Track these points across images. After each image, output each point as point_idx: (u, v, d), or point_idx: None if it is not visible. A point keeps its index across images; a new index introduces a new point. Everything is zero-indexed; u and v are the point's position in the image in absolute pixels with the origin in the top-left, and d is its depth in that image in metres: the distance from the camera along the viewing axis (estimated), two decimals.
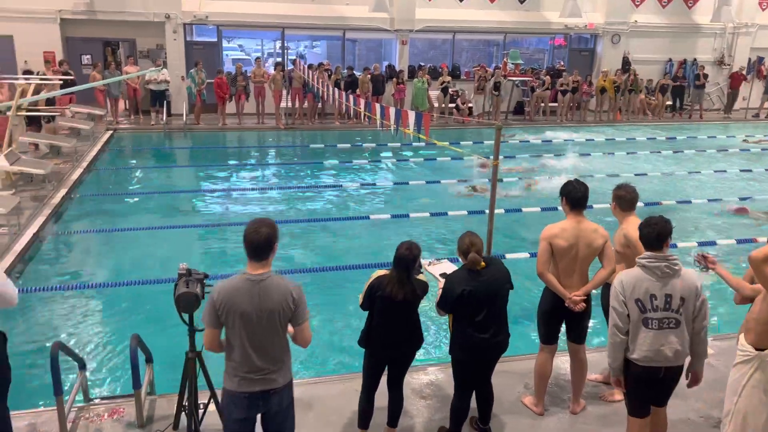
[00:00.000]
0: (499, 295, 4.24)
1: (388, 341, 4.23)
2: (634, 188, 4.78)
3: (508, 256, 8.00)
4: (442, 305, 4.29)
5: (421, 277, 4.26)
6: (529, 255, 8.24)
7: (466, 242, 4.23)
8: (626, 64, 20.99)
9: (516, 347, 6.02)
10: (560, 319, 4.68)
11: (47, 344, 5.82)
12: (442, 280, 4.46)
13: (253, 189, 11.52)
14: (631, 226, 4.60)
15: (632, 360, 3.82)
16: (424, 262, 4.95)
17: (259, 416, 3.57)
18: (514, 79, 19.10)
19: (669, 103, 20.78)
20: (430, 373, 5.39)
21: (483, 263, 4.16)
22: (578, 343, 4.75)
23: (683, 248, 8.03)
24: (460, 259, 4.32)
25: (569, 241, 4.48)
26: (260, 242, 3.36)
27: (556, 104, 19.56)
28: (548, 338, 4.75)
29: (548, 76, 19.35)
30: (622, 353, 3.84)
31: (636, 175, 12.58)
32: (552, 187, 11.42)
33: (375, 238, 9.07)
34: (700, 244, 8.71)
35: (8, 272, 6.99)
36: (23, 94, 11.20)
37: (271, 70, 17.46)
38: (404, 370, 4.41)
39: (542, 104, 19.54)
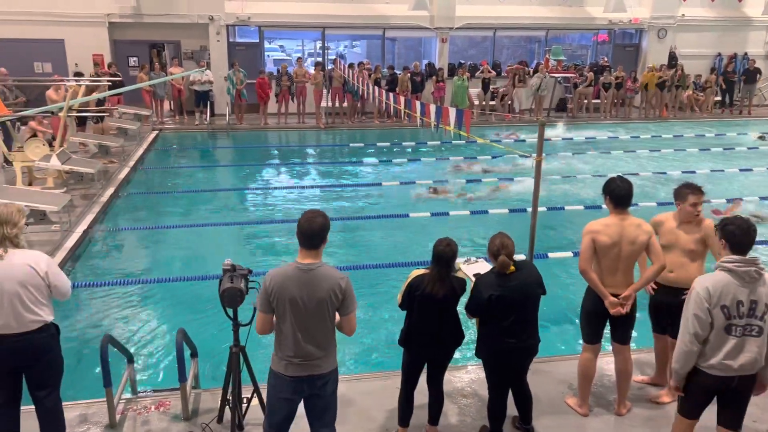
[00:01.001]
0: (529, 300, 4.15)
1: (428, 340, 4.21)
2: None
3: (550, 255, 7.90)
4: (470, 309, 4.23)
5: (459, 274, 4.22)
6: (572, 254, 8.11)
7: (496, 244, 4.13)
8: (673, 59, 20.45)
9: (560, 347, 5.96)
10: (604, 318, 4.55)
11: (96, 338, 6.00)
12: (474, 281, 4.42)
13: (293, 187, 11.64)
14: (709, 222, 4.52)
15: (705, 368, 3.63)
16: (459, 261, 4.92)
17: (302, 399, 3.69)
18: (556, 75, 18.81)
19: (718, 98, 20.17)
20: (471, 371, 5.34)
21: (512, 267, 4.07)
22: (623, 343, 4.63)
23: None
24: (491, 261, 4.26)
25: (612, 237, 4.36)
26: (313, 231, 3.51)
27: (599, 101, 19.20)
28: (591, 338, 4.64)
29: (591, 73, 18.99)
30: (693, 362, 3.64)
31: (683, 172, 12.25)
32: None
33: (415, 236, 9.05)
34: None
35: (59, 268, 7.22)
36: (74, 95, 11.53)
37: (311, 70, 17.61)
38: (443, 368, 4.39)
39: (585, 101, 19.19)
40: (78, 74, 14.99)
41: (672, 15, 20.32)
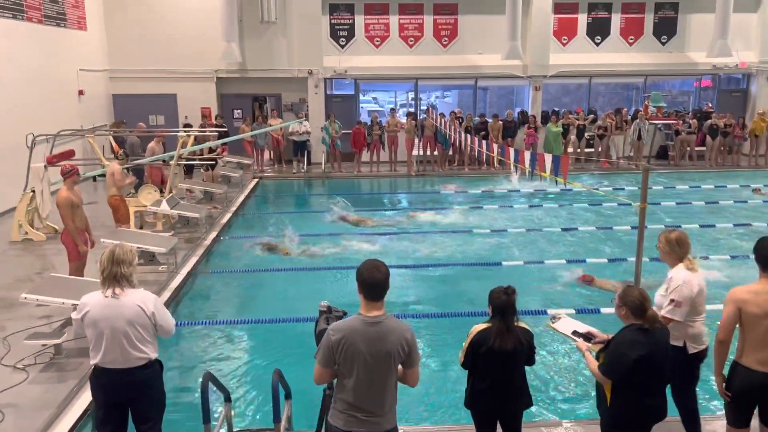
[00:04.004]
0: (668, 358, 3.79)
1: (496, 399, 3.97)
2: None
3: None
4: (610, 373, 3.77)
5: (522, 324, 3.99)
6: None
7: (636, 296, 3.74)
8: None
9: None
10: (753, 400, 4.02)
11: (195, 374, 6.22)
12: (579, 340, 4.19)
13: (385, 234, 11.72)
14: None
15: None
16: (548, 323, 4.73)
17: None
18: (656, 122, 18.17)
19: None
20: (571, 428, 5.06)
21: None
22: None
23: None
24: (620, 316, 3.84)
25: (763, 308, 3.86)
26: (381, 281, 3.41)
27: (703, 148, 18.30)
28: (739, 421, 4.09)
29: (695, 120, 18.21)
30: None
31: None
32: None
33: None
34: None
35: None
36: (183, 145, 12.32)
37: (403, 120, 18.00)
38: (518, 426, 4.12)
39: (688, 148, 18.35)
40: (187, 125, 16.07)
41: None
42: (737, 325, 3.98)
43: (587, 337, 4.34)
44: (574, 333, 4.42)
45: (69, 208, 7.38)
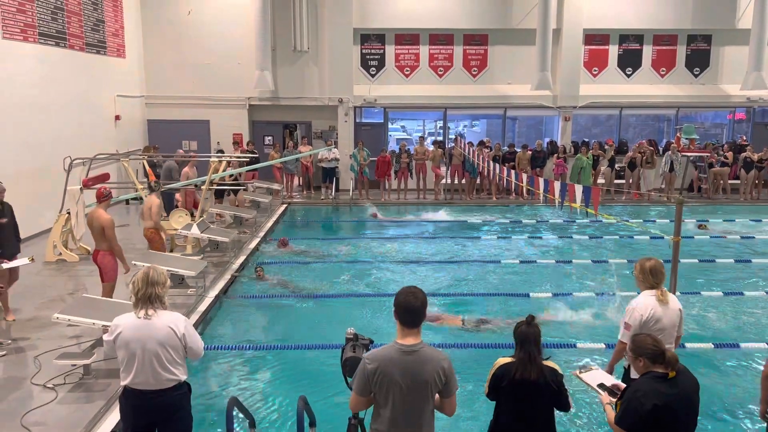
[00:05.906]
0: (692, 410, 3.62)
1: None
2: None
3: (687, 345, 7.25)
4: (623, 422, 3.63)
5: (549, 363, 3.86)
6: (713, 345, 7.43)
7: (649, 343, 3.62)
8: None
9: None
10: None
11: (220, 398, 6.22)
12: (603, 393, 4.08)
13: (413, 262, 11.70)
14: None
15: None
16: (575, 372, 4.63)
17: None
18: (688, 154, 17.94)
19: None
20: None
21: (673, 372, 3.57)
22: None
23: None
24: (639, 369, 3.71)
25: None
26: (418, 307, 3.40)
27: (737, 181, 17.98)
28: None
29: (730, 152, 17.94)
30: None
31: None
32: None
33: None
34: None
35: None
36: (215, 170, 12.51)
37: (431, 148, 18.10)
38: None
39: (721, 181, 18.04)
40: (219, 151, 16.36)
41: None
42: None
43: (612, 391, 4.19)
44: (600, 386, 4.28)
45: (113, 228, 7.59)
